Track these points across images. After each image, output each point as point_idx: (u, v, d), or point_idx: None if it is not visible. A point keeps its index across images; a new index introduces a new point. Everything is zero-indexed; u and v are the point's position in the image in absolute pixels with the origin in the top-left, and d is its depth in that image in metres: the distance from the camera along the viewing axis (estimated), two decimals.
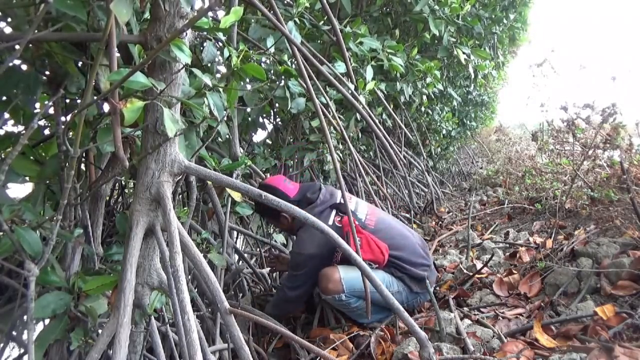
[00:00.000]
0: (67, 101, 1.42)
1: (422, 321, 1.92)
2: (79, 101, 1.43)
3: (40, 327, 1.33)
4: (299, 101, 2.28)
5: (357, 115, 2.86)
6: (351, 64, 2.42)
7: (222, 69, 1.78)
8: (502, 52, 5.96)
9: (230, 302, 1.13)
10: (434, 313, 1.81)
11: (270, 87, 2.23)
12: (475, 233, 3.45)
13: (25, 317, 1.50)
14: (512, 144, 6.79)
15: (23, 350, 1.73)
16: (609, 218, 2.18)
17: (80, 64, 1.35)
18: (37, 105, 1.32)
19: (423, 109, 4.51)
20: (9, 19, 1.20)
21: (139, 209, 1.20)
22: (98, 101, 1.26)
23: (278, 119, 3.00)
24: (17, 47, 0.84)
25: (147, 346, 1.30)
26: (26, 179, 1.28)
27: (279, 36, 2.09)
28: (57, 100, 1.24)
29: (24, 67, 1.28)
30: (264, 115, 2.92)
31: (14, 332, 1.77)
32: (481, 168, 8.40)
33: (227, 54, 1.56)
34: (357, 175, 3.45)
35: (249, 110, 2.45)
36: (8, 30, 1.22)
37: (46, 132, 1.50)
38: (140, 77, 1.03)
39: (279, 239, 2.71)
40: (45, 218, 1.09)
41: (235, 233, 2.47)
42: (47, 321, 1.21)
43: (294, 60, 2.02)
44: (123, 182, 2.50)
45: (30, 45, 1.20)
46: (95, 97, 1.07)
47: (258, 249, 2.76)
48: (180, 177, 1.41)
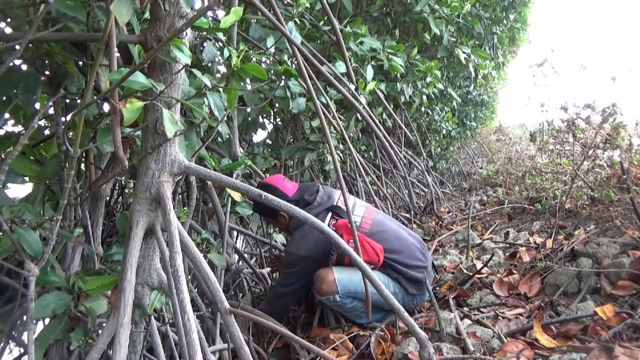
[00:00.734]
0: (67, 101, 1.42)
1: (422, 321, 1.92)
2: (79, 101, 1.43)
3: (40, 327, 1.33)
4: (299, 101, 2.28)
5: (357, 115, 2.86)
6: (351, 64, 2.42)
7: (222, 69, 1.78)
8: (502, 52, 5.97)
9: (230, 302, 1.13)
10: (434, 313, 1.81)
11: (271, 87, 2.23)
12: (475, 233, 3.44)
13: (25, 317, 1.50)
14: (512, 144, 6.80)
15: (23, 350, 1.73)
16: (609, 218, 2.18)
17: (80, 64, 1.35)
18: (37, 105, 1.32)
19: (423, 109, 4.51)
20: (9, 19, 1.20)
21: (139, 209, 1.20)
22: (98, 101, 1.26)
23: (278, 119, 3.00)
24: (17, 47, 0.84)
25: (147, 346, 1.30)
26: (26, 179, 1.28)
27: (279, 36, 2.09)
28: (57, 100, 1.24)
29: (24, 67, 1.28)
30: (264, 115, 2.92)
31: (14, 332, 1.77)
32: (481, 168, 8.40)
33: (227, 54, 1.56)
34: (357, 175, 3.46)
35: (249, 110, 2.45)
36: (8, 30, 1.22)
37: (46, 132, 1.50)
38: (140, 77, 1.03)
39: (279, 239, 2.70)
40: (45, 218, 1.09)
41: (235, 233, 2.47)
42: (47, 321, 1.21)
43: (294, 60, 2.02)
44: (123, 182, 2.50)
45: (30, 45, 1.20)
46: (95, 97, 1.07)
47: (258, 249, 2.76)
48: (180, 177, 1.41)
